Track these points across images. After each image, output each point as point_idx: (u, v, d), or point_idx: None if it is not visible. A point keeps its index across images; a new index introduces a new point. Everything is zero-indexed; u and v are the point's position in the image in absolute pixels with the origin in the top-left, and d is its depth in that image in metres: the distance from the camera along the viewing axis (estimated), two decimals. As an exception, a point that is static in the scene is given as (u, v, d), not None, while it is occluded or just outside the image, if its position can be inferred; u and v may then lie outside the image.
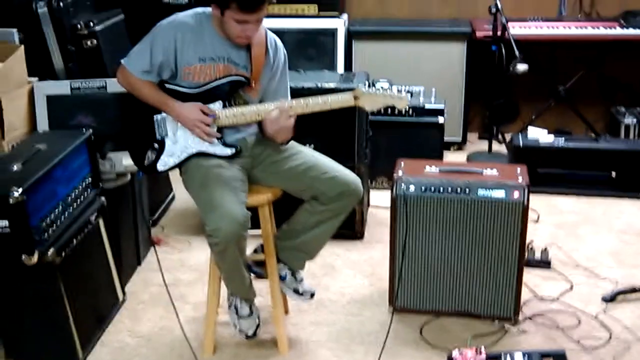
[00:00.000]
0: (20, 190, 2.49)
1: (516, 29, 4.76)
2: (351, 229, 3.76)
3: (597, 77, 5.14)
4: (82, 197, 3.01)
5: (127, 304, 3.26)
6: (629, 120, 4.77)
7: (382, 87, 2.99)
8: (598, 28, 4.82)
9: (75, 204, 2.94)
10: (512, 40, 4.39)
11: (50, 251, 2.65)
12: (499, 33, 4.58)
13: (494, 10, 4.51)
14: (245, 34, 2.69)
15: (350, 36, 5.00)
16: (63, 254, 2.74)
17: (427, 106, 4.37)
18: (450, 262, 3.03)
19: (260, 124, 2.90)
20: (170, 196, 4.32)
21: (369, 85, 3.42)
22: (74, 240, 2.85)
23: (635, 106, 5.00)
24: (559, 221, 4.03)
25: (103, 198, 3.15)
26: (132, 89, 2.82)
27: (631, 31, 4.76)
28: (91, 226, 3.02)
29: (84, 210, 2.99)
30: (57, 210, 2.78)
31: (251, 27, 2.68)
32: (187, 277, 3.48)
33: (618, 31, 4.79)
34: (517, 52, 4.33)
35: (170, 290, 2.98)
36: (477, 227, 2.97)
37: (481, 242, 2.98)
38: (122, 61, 2.84)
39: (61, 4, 3.79)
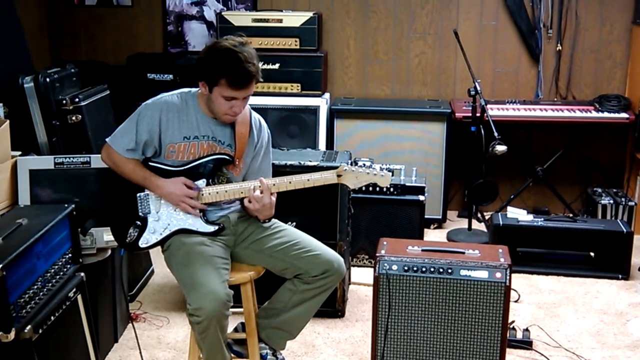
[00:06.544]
0: (-1, 265, 2.46)
1: (495, 111, 4.88)
2: (332, 306, 3.73)
3: (574, 158, 5.26)
4: (61, 272, 2.97)
5: (103, 383, 3.20)
6: (606, 200, 4.85)
7: (364, 164, 2.98)
8: (574, 111, 4.96)
9: (54, 279, 2.90)
10: (491, 122, 4.48)
11: (27, 328, 2.60)
12: (478, 114, 4.69)
13: (473, 92, 4.62)
14: (232, 111, 2.73)
15: (333, 114, 5.08)
16: (40, 330, 2.68)
17: (408, 184, 4.42)
18: (432, 341, 3.01)
19: (243, 201, 2.92)
20: (149, 271, 4.28)
21: (351, 164, 3.45)
22: (52, 317, 2.80)
23: (611, 187, 5.10)
24: (540, 301, 4.03)
25: (82, 274, 3.11)
26: (116, 167, 2.84)
27: (606, 114, 4.90)
28: (69, 302, 2.97)
29: (63, 286, 2.95)
30: (36, 286, 2.74)
31: (238, 104, 2.72)
32: (165, 355, 3.42)
33: (593, 114, 4.93)
34: (495, 133, 4.42)
35: (148, 369, 2.93)
36: (460, 307, 2.97)
37: (463, 322, 2.97)
38: (107, 140, 2.86)
39: (47, 79, 3.83)
